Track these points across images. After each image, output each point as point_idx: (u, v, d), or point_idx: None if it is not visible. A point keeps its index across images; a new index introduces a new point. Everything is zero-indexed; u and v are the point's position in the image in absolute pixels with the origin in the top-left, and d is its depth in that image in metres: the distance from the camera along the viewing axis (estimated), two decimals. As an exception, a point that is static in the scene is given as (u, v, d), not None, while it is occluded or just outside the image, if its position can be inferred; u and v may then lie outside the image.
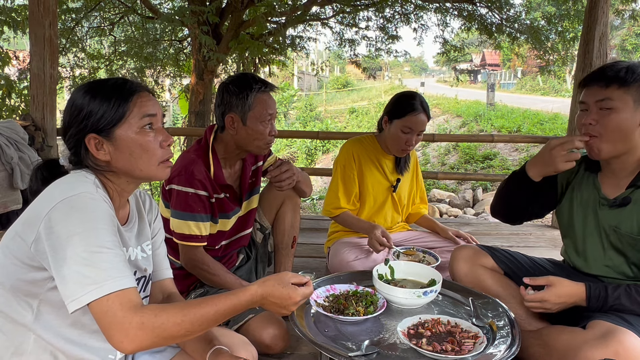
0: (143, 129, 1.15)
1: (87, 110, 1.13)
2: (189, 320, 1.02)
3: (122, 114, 1.13)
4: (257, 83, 1.85)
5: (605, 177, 1.62)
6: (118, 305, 0.98)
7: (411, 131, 2.25)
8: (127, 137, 1.14)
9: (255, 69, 7.77)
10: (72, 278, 0.99)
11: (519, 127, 12.21)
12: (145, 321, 0.98)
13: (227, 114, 1.85)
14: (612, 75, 1.48)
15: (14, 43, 9.81)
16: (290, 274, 1.18)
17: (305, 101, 21.24)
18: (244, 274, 2.15)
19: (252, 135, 1.86)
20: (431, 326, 1.44)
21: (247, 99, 1.82)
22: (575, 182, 1.70)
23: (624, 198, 1.54)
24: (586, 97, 1.54)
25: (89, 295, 0.98)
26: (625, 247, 1.55)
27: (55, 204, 1.03)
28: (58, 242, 1.00)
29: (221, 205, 1.93)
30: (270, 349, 1.74)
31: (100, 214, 1.05)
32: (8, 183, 3.18)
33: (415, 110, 2.24)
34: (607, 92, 1.48)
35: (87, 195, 1.06)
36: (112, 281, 0.99)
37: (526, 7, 7.87)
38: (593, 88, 1.52)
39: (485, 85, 21.09)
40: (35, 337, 1.10)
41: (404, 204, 2.56)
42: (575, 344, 1.37)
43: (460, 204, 8.10)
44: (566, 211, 1.71)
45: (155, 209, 1.40)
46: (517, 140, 9.73)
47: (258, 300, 1.13)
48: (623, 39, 25.23)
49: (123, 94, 1.15)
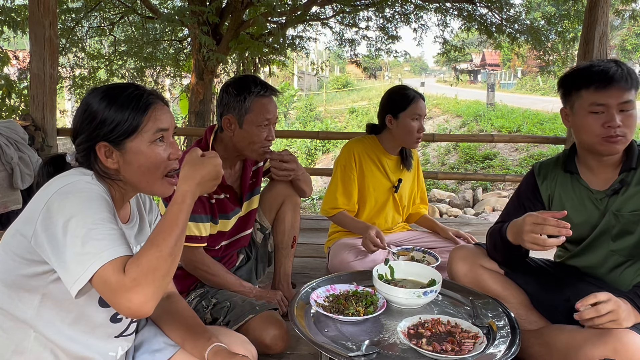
0: (154, 142, 1.16)
1: (102, 118, 1.13)
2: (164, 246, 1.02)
3: (136, 127, 1.14)
4: (257, 86, 1.84)
5: (588, 174, 1.66)
6: (111, 272, 0.98)
7: (420, 117, 2.35)
8: (138, 150, 1.15)
9: (255, 69, 7.78)
10: (73, 260, 0.99)
11: (519, 127, 12.21)
12: (135, 274, 0.98)
13: (224, 115, 1.85)
14: (626, 77, 1.53)
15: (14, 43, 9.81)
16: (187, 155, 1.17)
17: (305, 101, 21.24)
18: (244, 274, 2.15)
19: (247, 139, 1.85)
20: (431, 326, 1.44)
21: (244, 102, 1.81)
22: (559, 189, 1.72)
23: (621, 181, 1.58)
24: (608, 99, 1.53)
25: (90, 269, 0.98)
26: (631, 226, 1.57)
27: (51, 195, 1.04)
28: (56, 229, 1.01)
29: (221, 206, 1.92)
30: (270, 349, 1.73)
31: (94, 194, 1.07)
32: (8, 183, 3.18)
33: (415, 96, 2.35)
34: (630, 94, 1.53)
35: (81, 182, 1.08)
36: (107, 251, 0.99)
37: (526, 7, 7.87)
38: (614, 90, 1.52)
39: (485, 85, 21.09)
40: (35, 334, 1.10)
41: (405, 204, 2.56)
42: (575, 343, 1.38)
43: (460, 204, 8.10)
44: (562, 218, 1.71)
45: (156, 210, 1.40)
46: (517, 140, 9.74)
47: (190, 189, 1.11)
48: (623, 39, 25.23)
49: (140, 106, 1.15)
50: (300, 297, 1.64)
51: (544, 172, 1.76)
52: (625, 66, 1.55)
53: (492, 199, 7.96)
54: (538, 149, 10.00)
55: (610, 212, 1.59)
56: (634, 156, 1.58)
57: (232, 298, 1.82)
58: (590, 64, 1.61)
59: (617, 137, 1.54)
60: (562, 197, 1.70)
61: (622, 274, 1.61)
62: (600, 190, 1.63)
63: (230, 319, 1.75)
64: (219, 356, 1.24)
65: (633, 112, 1.54)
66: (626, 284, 1.59)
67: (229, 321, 1.74)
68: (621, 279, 1.61)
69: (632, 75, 1.53)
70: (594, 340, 1.33)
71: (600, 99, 1.54)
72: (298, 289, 1.75)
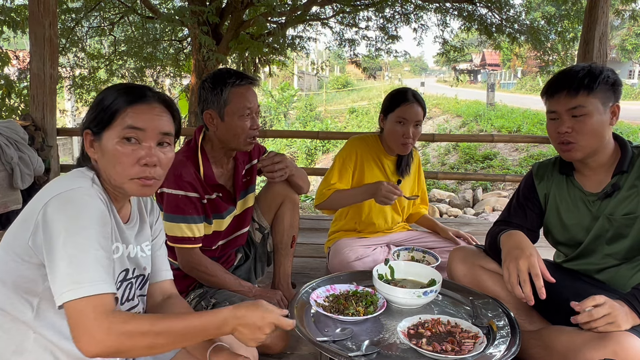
0: (122, 140, 1.13)
1: (93, 105, 1.16)
2: (155, 332, 1.02)
3: (110, 119, 1.14)
4: (232, 77, 1.81)
5: (582, 176, 1.67)
6: (91, 308, 0.99)
7: (406, 121, 2.23)
8: (108, 143, 1.14)
9: (255, 69, 7.78)
10: (59, 273, 1.00)
11: (519, 127, 12.22)
12: (113, 327, 0.98)
13: (205, 110, 1.84)
14: (577, 82, 1.52)
15: (14, 43, 9.80)
16: (266, 303, 1.17)
17: (305, 101, 21.22)
18: (243, 274, 2.15)
19: (231, 131, 1.83)
20: (431, 326, 1.44)
21: (222, 94, 1.80)
22: (554, 190, 1.73)
23: (613, 185, 1.58)
24: (556, 106, 1.57)
25: (67, 295, 0.99)
26: (624, 230, 1.57)
27: (50, 197, 1.04)
28: (51, 235, 1.02)
29: (214, 205, 1.91)
30: (270, 349, 1.73)
31: (93, 212, 1.06)
32: (8, 183, 3.18)
33: (407, 100, 2.24)
34: (577, 99, 1.52)
35: (82, 190, 1.08)
36: (89, 285, 1.00)
37: (526, 7, 7.88)
38: (561, 97, 1.55)
39: (485, 85, 21.09)
40: (35, 335, 1.10)
41: (405, 204, 2.56)
42: (574, 346, 1.37)
43: (460, 204, 8.10)
44: (555, 219, 1.73)
45: (157, 210, 1.41)
46: (517, 140, 9.74)
47: (231, 321, 1.11)
48: (623, 39, 25.25)
49: (122, 99, 1.14)
50: (300, 297, 1.64)
51: (541, 173, 1.77)
52: (593, 70, 1.53)
53: (492, 199, 7.96)
54: (538, 149, 10.01)
55: (604, 215, 1.59)
56: (627, 159, 1.58)
57: (231, 298, 1.82)
58: (559, 71, 1.64)
59: (569, 143, 1.55)
60: (557, 198, 1.71)
61: (617, 274, 1.61)
62: (593, 193, 1.63)
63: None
64: (220, 356, 1.23)
65: (585, 118, 1.52)
66: (623, 284, 1.59)
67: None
68: (617, 279, 1.61)
69: (593, 80, 1.51)
70: (593, 343, 1.33)
71: (551, 105, 1.60)
72: (298, 289, 1.75)
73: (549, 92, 1.60)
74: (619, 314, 1.34)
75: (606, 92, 1.53)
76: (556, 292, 1.67)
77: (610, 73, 1.55)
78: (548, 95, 1.60)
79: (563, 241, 1.73)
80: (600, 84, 1.52)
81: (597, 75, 1.52)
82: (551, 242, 1.80)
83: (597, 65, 1.58)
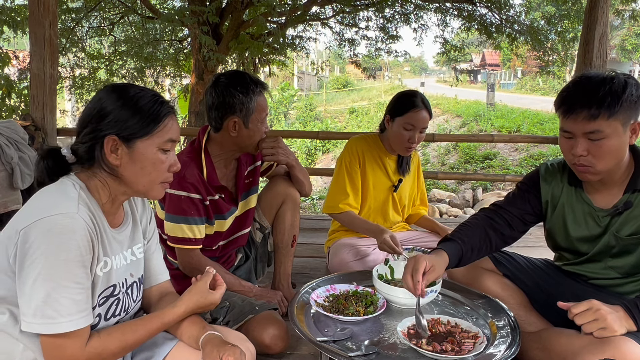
0: (161, 150, 1.20)
1: (116, 116, 1.15)
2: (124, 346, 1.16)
3: (150, 130, 1.17)
4: (257, 85, 1.84)
5: (593, 190, 1.59)
6: (69, 343, 1.06)
7: (413, 128, 2.26)
8: (145, 152, 1.17)
9: (255, 69, 7.78)
10: (33, 300, 1.03)
11: (519, 127, 12.22)
12: (91, 356, 1.10)
13: (228, 116, 1.82)
14: (596, 102, 1.37)
15: (14, 43, 9.81)
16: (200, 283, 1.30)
17: (305, 101, 21.22)
18: (243, 274, 2.15)
19: (252, 137, 1.87)
20: (431, 326, 1.44)
21: (250, 103, 1.82)
22: (563, 199, 1.65)
23: (625, 203, 1.51)
24: (572, 127, 1.43)
25: (43, 327, 1.04)
26: (631, 247, 1.53)
27: (33, 221, 1.05)
28: (27, 260, 1.04)
29: (216, 206, 1.92)
30: (270, 349, 1.73)
31: (74, 242, 1.06)
32: (8, 183, 3.18)
33: (417, 106, 2.25)
34: (596, 124, 1.38)
35: (65, 217, 1.06)
36: (68, 321, 1.05)
37: (526, 7, 7.88)
38: (579, 119, 1.40)
39: (485, 85, 21.09)
40: (23, 346, 1.11)
41: (404, 204, 2.56)
42: (573, 349, 1.37)
43: (460, 204, 8.11)
44: (560, 228, 1.68)
45: (149, 210, 1.40)
46: (517, 140, 9.73)
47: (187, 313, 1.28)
48: (623, 39, 25.25)
49: (159, 112, 1.19)
50: (300, 297, 1.64)
51: (549, 177, 1.69)
52: (615, 88, 1.37)
53: (492, 199, 7.96)
54: (538, 149, 10.01)
55: (611, 232, 1.54)
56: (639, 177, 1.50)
57: (231, 298, 1.82)
58: (576, 80, 1.49)
59: (583, 166, 1.45)
60: (565, 209, 1.65)
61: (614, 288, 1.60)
62: (603, 209, 1.56)
63: (230, 319, 1.75)
64: (210, 343, 1.24)
65: (603, 142, 1.39)
66: (622, 290, 1.58)
67: (228, 321, 1.74)
68: (617, 288, 1.60)
69: (615, 100, 1.35)
70: (592, 347, 1.32)
71: (565, 124, 1.46)
72: (298, 289, 1.75)
73: (564, 109, 1.45)
74: (610, 318, 1.30)
75: (629, 111, 1.38)
76: (555, 292, 1.67)
77: (634, 89, 1.38)
78: (563, 112, 1.45)
79: (565, 248, 1.70)
80: (623, 104, 1.36)
81: (620, 94, 1.36)
82: (551, 247, 1.77)
83: (620, 77, 1.40)
